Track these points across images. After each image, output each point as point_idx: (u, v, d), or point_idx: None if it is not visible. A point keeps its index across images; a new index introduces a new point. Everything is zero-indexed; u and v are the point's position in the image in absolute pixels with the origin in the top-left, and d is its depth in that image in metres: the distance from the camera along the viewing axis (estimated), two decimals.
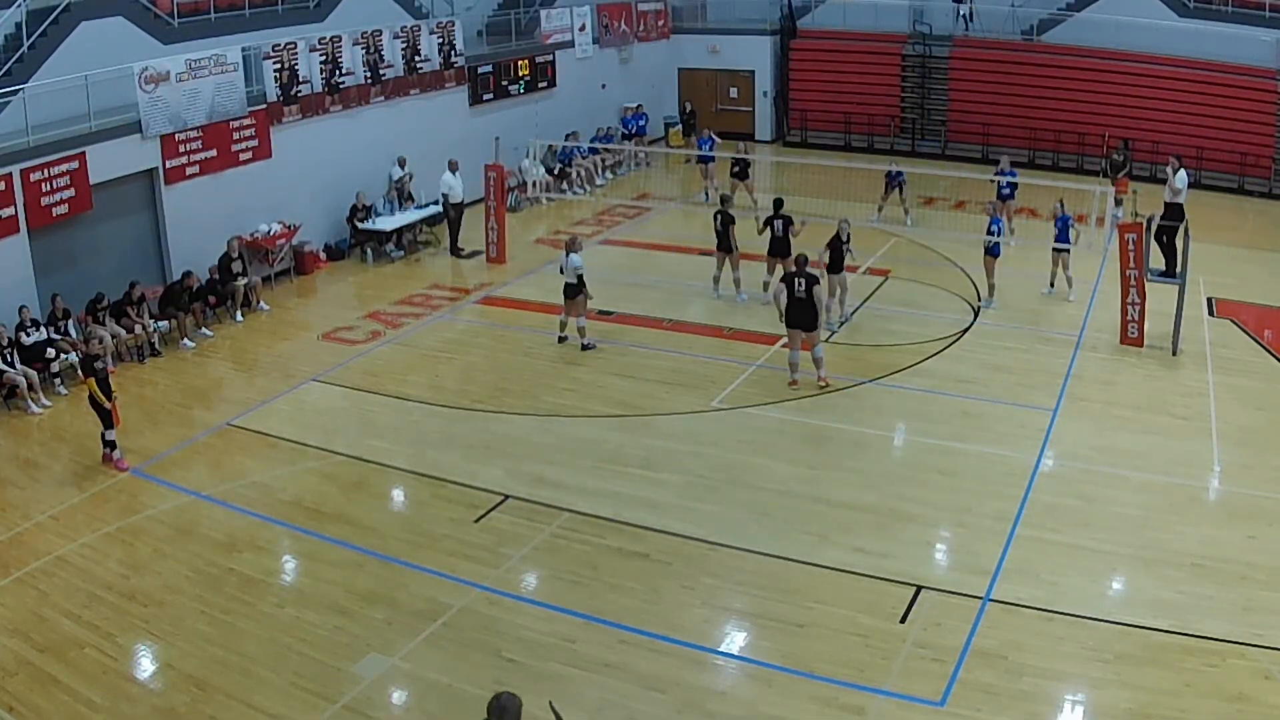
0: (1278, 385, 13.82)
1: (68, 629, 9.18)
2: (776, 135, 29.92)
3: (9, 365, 13.60)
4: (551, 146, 23.86)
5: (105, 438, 12.15)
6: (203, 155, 17.00)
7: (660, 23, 29.66)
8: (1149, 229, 15.20)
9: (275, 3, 19.83)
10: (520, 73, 24.51)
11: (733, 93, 30.20)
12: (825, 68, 28.84)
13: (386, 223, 19.70)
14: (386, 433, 12.96)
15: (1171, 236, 15.65)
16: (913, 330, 15.68)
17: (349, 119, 19.95)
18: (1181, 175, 16.16)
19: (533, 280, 18.31)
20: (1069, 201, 16.64)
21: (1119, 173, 20.67)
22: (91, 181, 15.10)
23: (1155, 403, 13.27)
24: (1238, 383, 13.81)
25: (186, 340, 15.78)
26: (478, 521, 10.86)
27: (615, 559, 10.17)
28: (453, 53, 22.27)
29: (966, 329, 15.77)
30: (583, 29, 26.66)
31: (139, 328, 15.24)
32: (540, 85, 25.15)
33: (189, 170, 16.83)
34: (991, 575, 9.68)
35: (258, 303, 17.21)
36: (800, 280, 13.42)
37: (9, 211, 14.17)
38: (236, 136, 17.58)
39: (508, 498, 11.27)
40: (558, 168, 24.04)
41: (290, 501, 11.34)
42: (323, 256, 19.56)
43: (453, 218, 19.92)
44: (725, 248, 16.61)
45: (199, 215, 16.93)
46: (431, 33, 21.70)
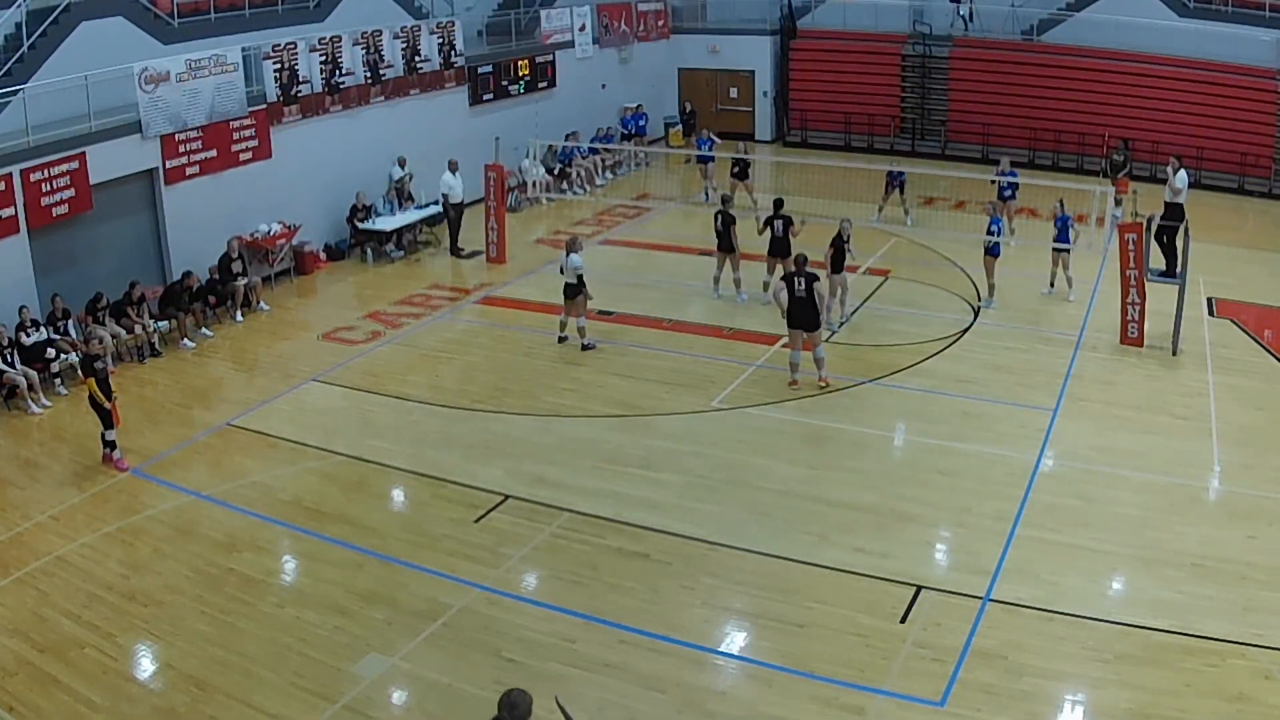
0: (1278, 385, 13.82)
1: (68, 629, 9.18)
2: (776, 135, 29.91)
3: (9, 365, 13.60)
4: (551, 146, 23.86)
5: (105, 438, 12.16)
6: (203, 155, 17.00)
7: (660, 23, 29.66)
8: (1149, 229, 15.21)
9: (275, 3, 19.83)
10: (520, 73, 24.52)
11: (733, 93, 30.19)
12: (825, 68, 28.83)
13: (386, 223, 19.71)
14: (386, 433, 12.96)
15: (1172, 236, 15.65)
16: (913, 330, 15.68)
17: (349, 119, 19.95)
18: (1182, 175, 16.17)
19: (533, 280, 18.31)
20: (1069, 201, 16.65)
21: (1119, 173, 20.68)
22: (91, 181, 15.10)
23: (1155, 403, 13.27)
24: (1238, 383, 13.81)
25: (186, 340, 15.78)
26: (478, 521, 10.86)
27: (615, 559, 10.17)
28: (453, 53, 22.27)
29: (966, 329, 15.77)
30: (583, 29, 26.66)
31: (139, 328, 15.24)
32: (540, 85, 25.15)
33: (189, 170, 16.84)
34: (991, 575, 9.68)
35: (258, 303, 17.22)
36: (800, 279, 13.43)
37: (9, 211, 14.18)
38: (236, 136, 17.58)
39: (508, 498, 11.28)
40: (558, 168, 24.05)
41: (290, 501, 11.34)
42: (323, 256, 19.56)
43: (453, 218, 19.92)
44: (726, 248, 16.61)
45: (199, 215, 16.93)
46: (431, 33, 21.70)
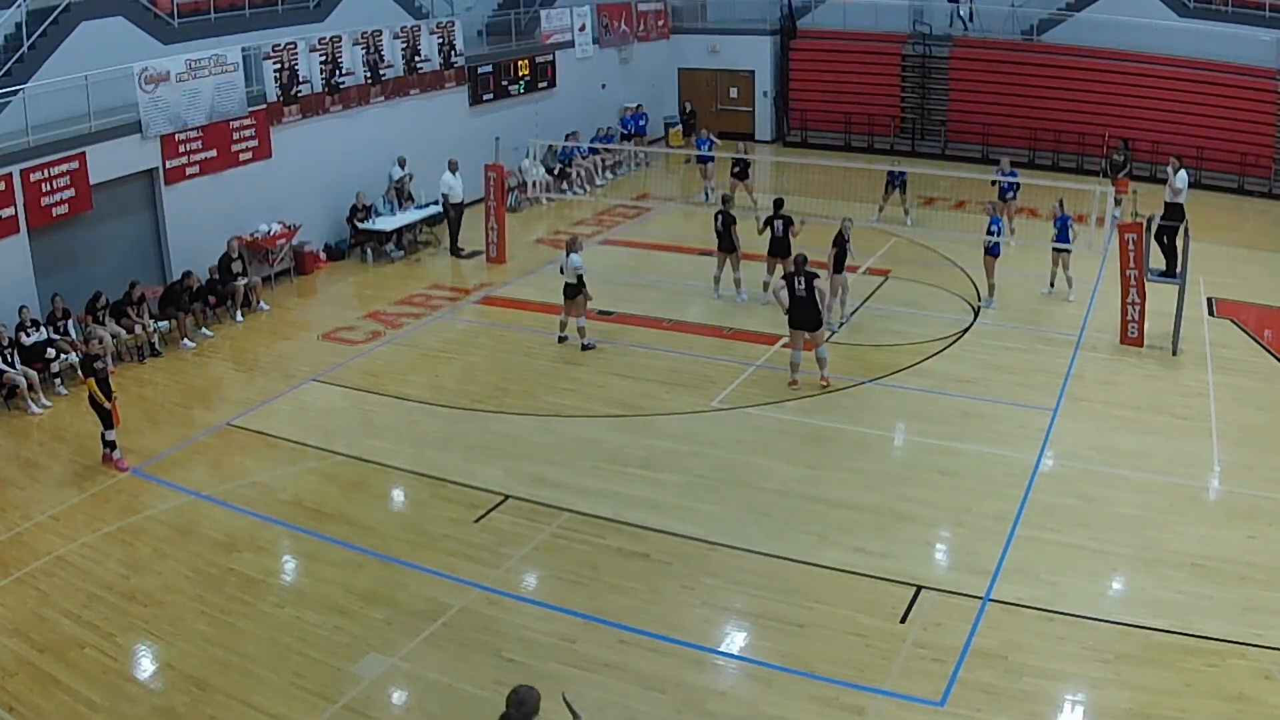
0: (1278, 385, 13.82)
1: (68, 629, 9.18)
2: (776, 135, 29.90)
3: (9, 365, 13.60)
4: (551, 146, 23.85)
5: (105, 438, 12.15)
6: (203, 155, 17.00)
7: (660, 23, 29.66)
8: (1149, 229, 15.21)
9: (275, 3, 19.83)
10: (520, 73, 24.51)
11: (733, 93, 30.18)
12: (825, 68, 28.83)
13: (386, 223, 19.70)
14: (386, 433, 12.96)
15: (1172, 236, 15.65)
16: (913, 330, 15.68)
17: (349, 119, 19.95)
18: (1182, 175, 16.17)
19: (533, 280, 18.30)
20: (1069, 202, 16.65)
21: (1119, 173, 20.67)
22: (91, 181, 15.10)
23: (1155, 403, 13.27)
24: (1238, 383, 13.81)
25: (186, 340, 15.78)
26: (478, 521, 10.86)
27: (615, 559, 10.17)
28: (453, 53, 22.26)
29: (966, 329, 15.77)
30: (583, 29, 26.65)
31: (139, 328, 15.24)
32: (540, 85, 25.14)
33: (189, 170, 16.83)
34: (991, 575, 9.68)
35: (258, 303, 17.21)
36: (800, 279, 13.43)
37: (9, 211, 14.18)
38: (236, 136, 17.57)
39: (508, 498, 11.27)
40: (558, 168, 24.04)
41: (290, 501, 11.34)
42: (323, 256, 19.56)
43: (453, 218, 19.92)
44: (727, 247, 16.60)
45: (199, 215, 16.93)
46: (431, 33, 21.70)
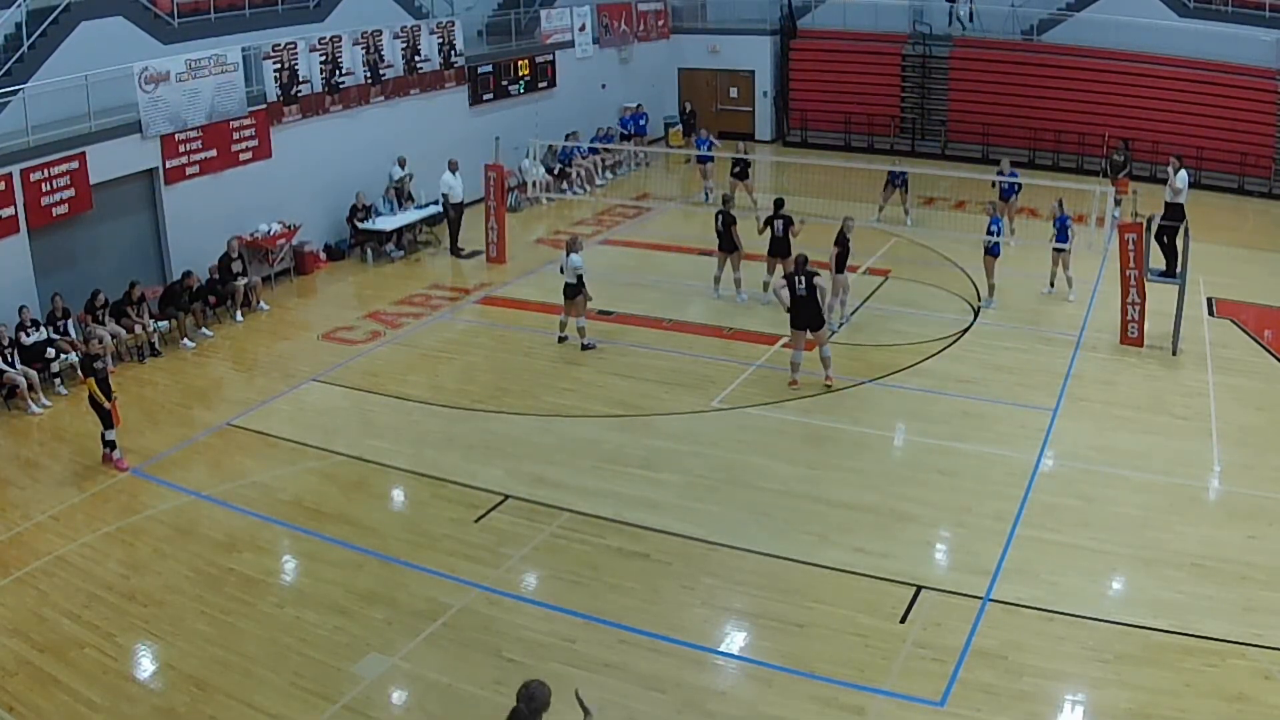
0: (1278, 385, 13.82)
1: (68, 629, 9.18)
2: (776, 135, 29.90)
3: (9, 365, 13.60)
4: (551, 146, 23.85)
5: (105, 438, 12.15)
6: (203, 155, 17.00)
7: (660, 23, 29.66)
8: (1149, 229, 15.21)
9: (275, 3, 19.83)
10: (520, 73, 24.52)
11: (733, 93, 30.18)
12: (825, 68, 28.83)
13: (386, 223, 19.70)
14: (386, 433, 12.96)
15: (1172, 236, 15.65)
16: (913, 330, 15.68)
17: (349, 119, 19.95)
18: (1182, 175, 16.17)
19: (533, 280, 18.30)
20: (1069, 202, 16.65)
21: (1119, 173, 20.67)
22: (91, 181, 15.10)
23: (1155, 403, 13.27)
24: (1238, 383, 13.81)
25: (186, 340, 15.78)
26: (478, 521, 10.86)
27: (615, 559, 10.17)
28: (453, 53, 22.27)
29: (966, 329, 15.77)
30: (583, 29, 26.66)
31: (139, 328, 15.23)
32: (540, 85, 25.15)
33: (189, 170, 16.83)
34: (991, 575, 9.68)
35: (258, 303, 17.21)
36: (801, 279, 13.42)
37: (9, 211, 14.18)
38: (236, 136, 17.57)
39: (508, 498, 11.27)
40: (558, 168, 24.04)
41: (290, 501, 11.34)
42: (323, 256, 19.56)
43: (453, 218, 19.92)
44: (728, 247, 16.60)
45: (199, 215, 16.93)
46: (431, 33, 21.70)
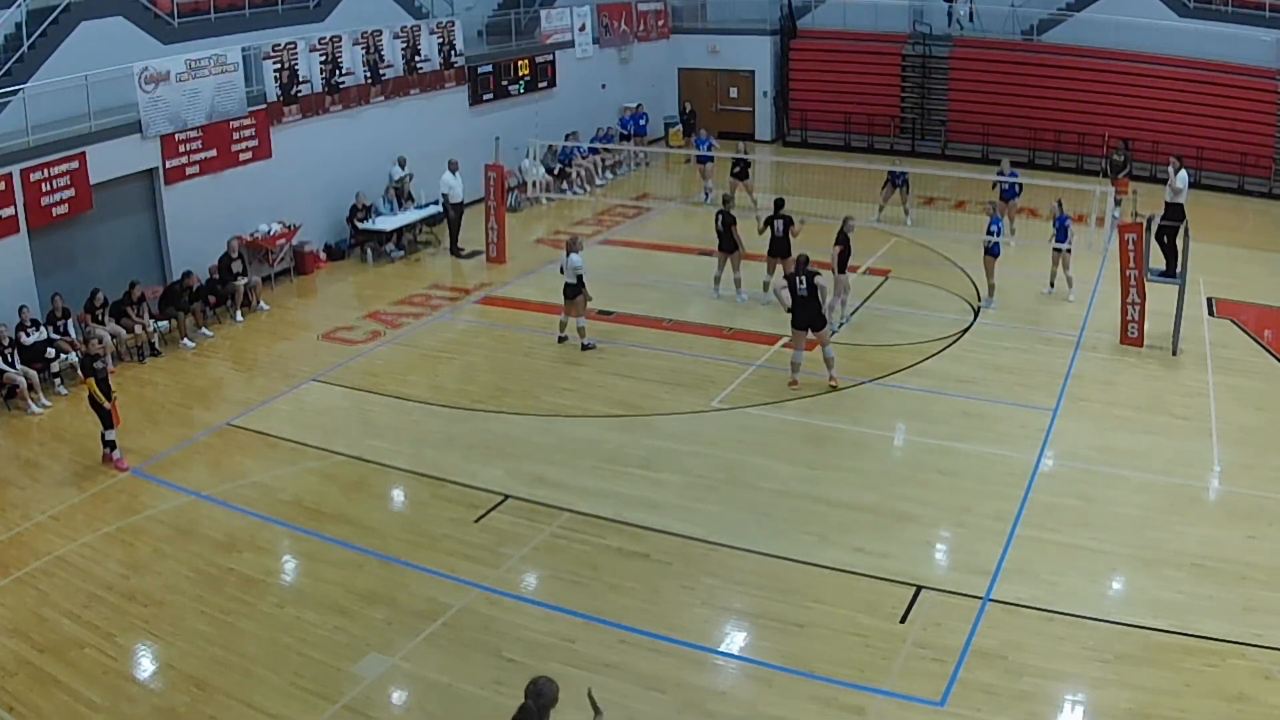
0: (1278, 385, 13.82)
1: (68, 629, 9.18)
2: (776, 135, 29.90)
3: (9, 365, 13.60)
4: (551, 146, 23.85)
5: (105, 438, 12.15)
6: (203, 155, 17.00)
7: (660, 23, 29.66)
8: (1149, 229, 15.21)
9: (275, 3, 19.83)
10: (520, 73, 24.51)
11: (733, 93, 30.18)
12: (825, 68, 28.83)
13: (386, 223, 19.70)
14: (386, 433, 12.96)
15: (1172, 236, 15.66)
16: (913, 330, 15.68)
17: (349, 119, 19.95)
18: (1182, 175, 16.18)
19: (533, 280, 18.30)
20: (1069, 202, 16.66)
21: (1119, 173, 20.66)
22: (91, 181, 15.10)
23: (1155, 403, 13.27)
24: (1238, 383, 13.81)
25: (186, 340, 15.78)
26: (478, 521, 10.86)
27: (615, 559, 10.17)
28: (453, 53, 22.27)
29: (966, 329, 15.76)
30: (583, 29, 26.66)
31: (139, 328, 15.23)
32: (540, 85, 25.14)
33: (189, 170, 16.83)
34: (991, 575, 9.68)
35: (258, 303, 17.21)
36: (803, 279, 13.43)
37: (9, 211, 14.18)
38: (236, 136, 17.57)
39: (508, 498, 11.27)
40: (558, 168, 24.04)
41: (290, 501, 11.34)
42: (323, 256, 19.56)
43: (453, 218, 19.92)
44: (728, 247, 16.60)
45: (199, 215, 16.93)
46: (431, 33, 21.70)
